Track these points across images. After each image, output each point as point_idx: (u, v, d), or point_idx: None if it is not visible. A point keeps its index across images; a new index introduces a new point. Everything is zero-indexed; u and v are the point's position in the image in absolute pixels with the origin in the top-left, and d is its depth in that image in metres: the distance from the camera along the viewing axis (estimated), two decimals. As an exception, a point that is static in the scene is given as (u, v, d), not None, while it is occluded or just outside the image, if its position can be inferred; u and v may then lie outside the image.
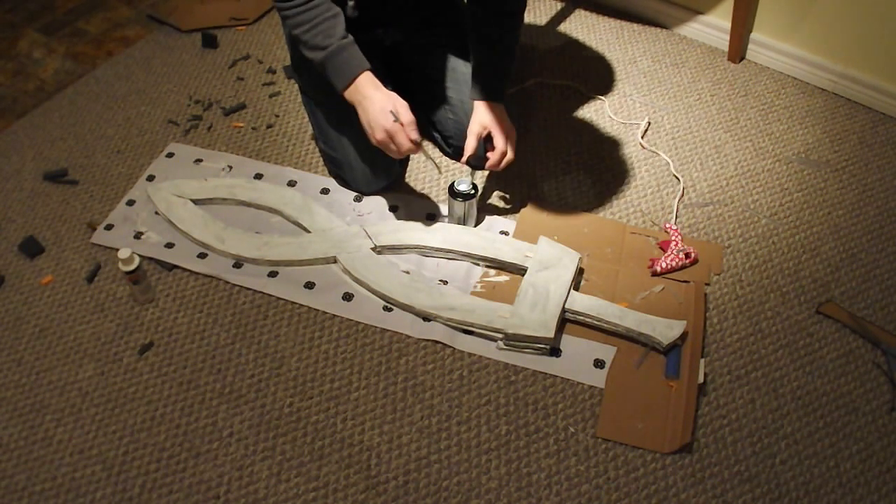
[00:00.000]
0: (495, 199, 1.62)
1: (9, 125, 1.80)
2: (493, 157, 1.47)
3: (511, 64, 1.52)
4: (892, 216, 1.61)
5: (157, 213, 1.57)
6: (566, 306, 1.37)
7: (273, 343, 1.38)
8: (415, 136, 1.35)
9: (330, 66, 1.37)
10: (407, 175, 1.65)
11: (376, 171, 1.57)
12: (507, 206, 1.61)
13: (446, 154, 1.68)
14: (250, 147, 1.73)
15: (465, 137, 1.49)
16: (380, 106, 1.34)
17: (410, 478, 1.21)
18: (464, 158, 1.48)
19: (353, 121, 1.55)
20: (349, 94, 1.38)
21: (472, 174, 1.53)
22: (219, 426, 1.27)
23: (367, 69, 1.37)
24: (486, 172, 1.65)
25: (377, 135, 1.36)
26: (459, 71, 1.58)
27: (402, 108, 1.35)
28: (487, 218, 1.58)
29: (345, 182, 1.62)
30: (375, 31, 1.49)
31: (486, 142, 1.49)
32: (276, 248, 1.48)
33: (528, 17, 2.10)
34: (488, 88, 1.48)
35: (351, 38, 1.37)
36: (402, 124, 1.34)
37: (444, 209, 1.57)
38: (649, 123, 1.80)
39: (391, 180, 1.60)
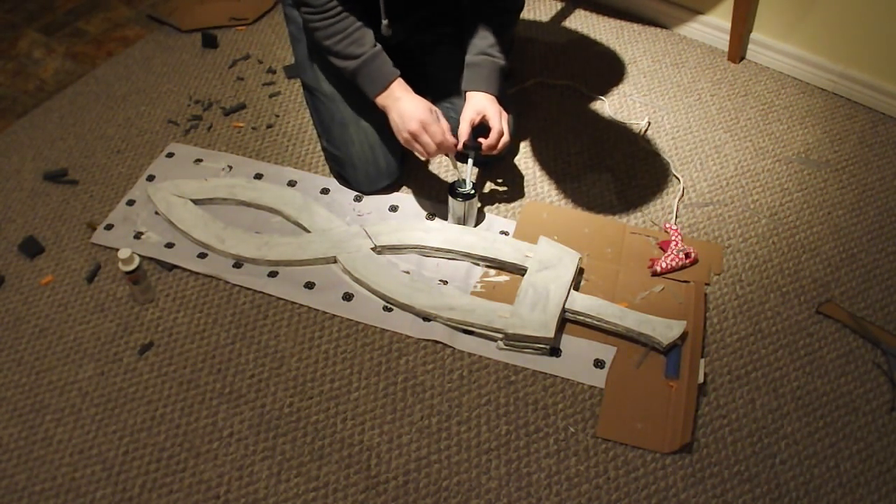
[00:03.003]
0: (495, 199, 1.62)
1: (9, 125, 1.80)
2: (489, 138, 1.46)
3: (506, 59, 1.52)
4: (892, 216, 1.61)
5: (157, 213, 1.57)
6: (566, 306, 1.37)
7: (273, 343, 1.38)
8: (451, 137, 1.43)
9: (363, 73, 1.44)
10: (407, 175, 1.65)
11: (378, 171, 1.57)
12: (507, 206, 1.61)
13: None
14: (250, 147, 1.73)
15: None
16: (415, 103, 1.42)
17: (410, 478, 1.21)
18: (459, 144, 1.48)
19: (357, 119, 1.55)
20: (381, 99, 1.45)
21: (471, 173, 1.53)
22: (219, 426, 1.27)
23: (399, 75, 1.44)
24: (484, 172, 1.65)
25: (411, 125, 1.41)
26: (461, 68, 1.58)
27: (437, 112, 1.43)
28: (487, 218, 1.58)
29: (346, 181, 1.62)
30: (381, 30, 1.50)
31: (481, 131, 1.49)
32: (276, 248, 1.48)
33: (529, 17, 2.11)
34: (482, 80, 1.49)
35: (380, 46, 1.44)
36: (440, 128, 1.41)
37: (444, 209, 1.57)
38: (649, 123, 1.80)
39: (392, 180, 1.60)
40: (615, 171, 1.69)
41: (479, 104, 1.47)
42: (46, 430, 1.26)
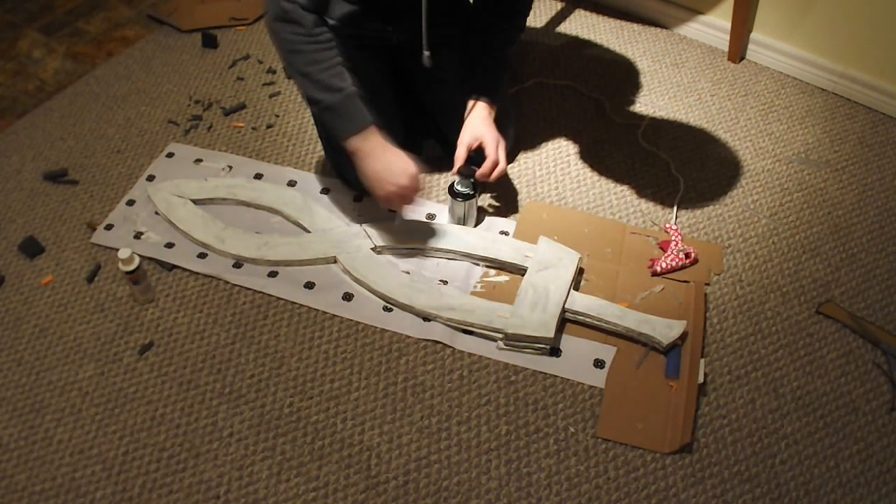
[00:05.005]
0: (495, 199, 1.62)
1: (9, 125, 1.80)
2: (483, 167, 1.46)
3: (508, 66, 1.53)
4: (892, 216, 1.61)
5: (157, 213, 1.57)
6: (566, 306, 1.37)
7: (273, 343, 1.38)
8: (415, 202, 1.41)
9: (342, 107, 1.34)
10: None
11: None
12: (507, 206, 1.61)
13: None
14: (250, 147, 1.73)
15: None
16: (399, 165, 1.35)
17: (410, 478, 1.21)
18: (454, 169, 1.48)
19: None
20: (357, 140, 1.35)
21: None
22: (219, 426, 1.27)
23: (375, 123, 1.36)
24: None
25: (388, 188, 1.36)
26: (462, 73, 1.58)
27: (414, 172, 1.37)
28: (487, 218, 1.58)
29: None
30: (385, 29, 1.49)
31: (478, 153, 1.49)
32: (276, 248, 1.48)
33: (529, 17, 2.10)
34: (483, 88, 1.49)
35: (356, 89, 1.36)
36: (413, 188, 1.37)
37: (444, 209, 1.58)
38: (649, 123, 1.80)
39: None
40: (615, 171, 1.69)
41: (477, 129, 1.47)
42: (46, 430, 1.26)
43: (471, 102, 1.50)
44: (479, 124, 1.47)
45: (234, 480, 1.20)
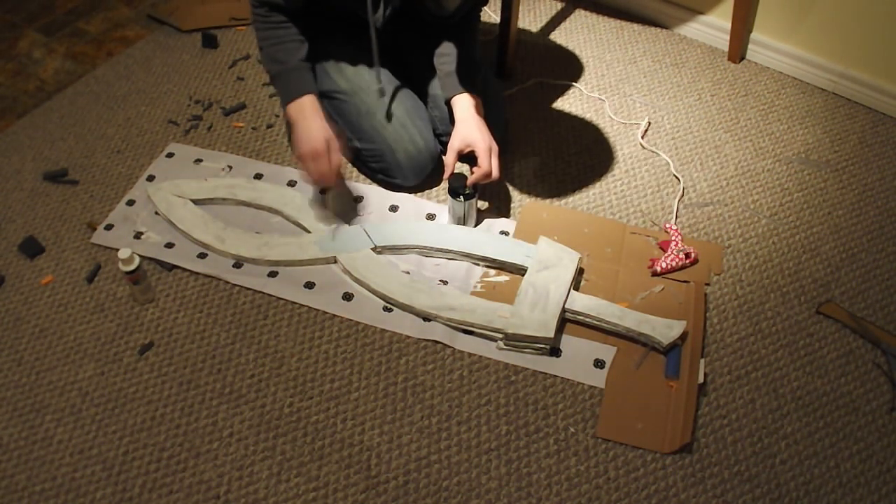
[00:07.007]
0: (495, 199, 1.62)
1: (9, 125, 1.80)
2: (474, 176, 1.46)
3: (473, 46, 1.57)
4: (892, 216, 1.61)
5: (157, 213, 1.57)
6: (566, 306, 1.37)
7: (273, 343, 1.38)
8: (333, 176, 1.44)
9: (282, 79, 1.47)
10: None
11: (418, 149, 1.55)
12: (507, 206, 1.61)
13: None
14: (250, 147, 1.73)
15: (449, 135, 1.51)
16: (316, 129, 1.42)
17: (410, 478, 1.21)
18: (445, 175, 1.48)
19: (381, 103, 1.55)
20: (291, 108, 1.46)
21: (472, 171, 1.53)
22: (219, 426, 1.27)
23: (315, 94, 1.46)
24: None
25: (304, 147, 1.42)
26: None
27: (335, 145, 1.43)
28: (487, 218, 1.58)
29: (390, 176, 1.58)
30: (370, 15, 1.49)
31: (471, 159, 1.48)
32: (276, 248, 1.48)
33: (529, 17, 2.11)
34: (460, 82, 1.50)
35: (309, 65, 1.49)
36: (329, 161, 1.42)
37: (444, 209, 1.58)
38: (649, 123, 1.80)
39: (434, 158, 1.58)
40: (615, 171, 1.69)
41: (469, 136, 1.46)
42: (46, 430, 1.26)
43: (453, 100, 1.50)
44: (469, 128, 1.47)
45: (234, 480, 1.20)
